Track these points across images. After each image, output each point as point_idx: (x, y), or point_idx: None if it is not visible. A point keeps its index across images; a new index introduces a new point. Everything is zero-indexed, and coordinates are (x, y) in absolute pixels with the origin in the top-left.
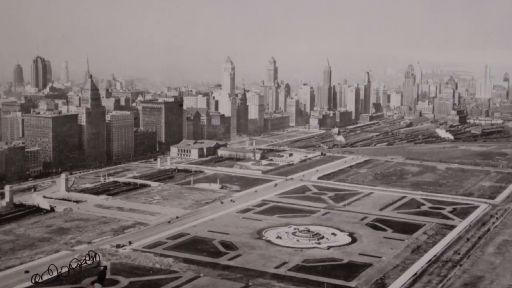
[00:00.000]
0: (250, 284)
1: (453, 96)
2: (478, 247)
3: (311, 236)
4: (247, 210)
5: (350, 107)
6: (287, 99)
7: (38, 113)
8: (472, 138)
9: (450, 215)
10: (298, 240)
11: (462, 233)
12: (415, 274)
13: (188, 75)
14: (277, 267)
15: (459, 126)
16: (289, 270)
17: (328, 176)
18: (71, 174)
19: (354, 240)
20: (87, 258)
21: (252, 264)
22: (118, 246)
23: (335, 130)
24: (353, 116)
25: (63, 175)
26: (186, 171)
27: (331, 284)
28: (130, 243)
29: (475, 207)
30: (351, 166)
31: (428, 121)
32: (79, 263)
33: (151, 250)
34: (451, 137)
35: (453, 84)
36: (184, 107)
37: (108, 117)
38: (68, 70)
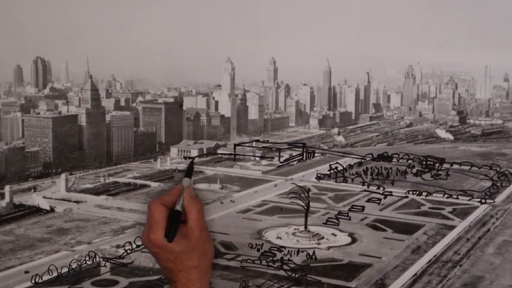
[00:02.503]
0: (250, 284)
1: (453, 97)
2: (478, 248)
3: (311, 236)
4: (247, 211)
5: (350, 107)
6: (287, 100)
7: (38, 113)
8: (472, 139)
9: (450, 216)
10: (298, 241)
11: (462, 233)
12: (415, 274)
13: (188, 76)
14: (277, 268)
15: (459, 127)
16: (289, 270)
17: (328, 177)
18: (71, 174)
19: (354, 240)
20: (87, 259)
21: (252, 265)
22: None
23: (335, 130)
24: (353, 117)
25: (63, 176)
26: None
27: (331, 284)
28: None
29: (475, 208)
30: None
31: (428, 122)
32: (79, 263)
33: None
34: (451, 137)
35: (453, 85)
36: (184, 107)
37: (108, 118)
38: (68, 71)
